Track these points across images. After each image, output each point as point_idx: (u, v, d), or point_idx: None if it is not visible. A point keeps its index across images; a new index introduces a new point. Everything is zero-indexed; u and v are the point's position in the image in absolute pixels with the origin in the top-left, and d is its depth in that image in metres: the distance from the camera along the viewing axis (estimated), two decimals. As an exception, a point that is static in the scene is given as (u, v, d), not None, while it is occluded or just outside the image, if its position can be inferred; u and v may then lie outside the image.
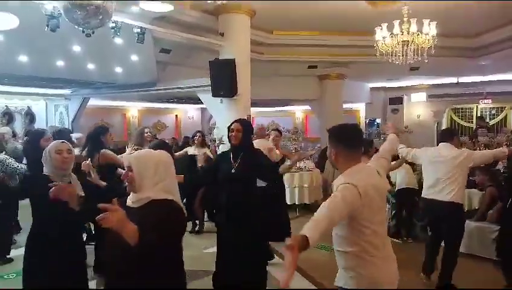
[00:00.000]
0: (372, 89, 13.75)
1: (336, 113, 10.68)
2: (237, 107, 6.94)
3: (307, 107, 13.25)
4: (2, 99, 9.29)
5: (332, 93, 10.99)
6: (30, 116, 9.16)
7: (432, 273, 3.95)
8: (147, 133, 5.37)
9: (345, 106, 12.09)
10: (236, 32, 7.10)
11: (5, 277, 4.17)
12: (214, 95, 6.85)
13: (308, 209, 7.08)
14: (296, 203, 7.12)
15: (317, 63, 10.16)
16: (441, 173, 3.68)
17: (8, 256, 4.55)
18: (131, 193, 1.82)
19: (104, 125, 4.24)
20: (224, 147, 6.05)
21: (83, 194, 2.49)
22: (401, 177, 5.36)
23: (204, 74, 7.11)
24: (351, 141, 2.02)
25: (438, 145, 3.98)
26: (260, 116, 13.92)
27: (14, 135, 6.34)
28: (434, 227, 4.03)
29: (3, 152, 4.53)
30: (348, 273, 1.97)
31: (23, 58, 6.40)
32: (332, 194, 1.85)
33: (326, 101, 11.12)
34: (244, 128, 3.17)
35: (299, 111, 14.99)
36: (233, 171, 3.10)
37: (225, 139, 4.37)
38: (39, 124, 9.70)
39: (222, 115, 7.13)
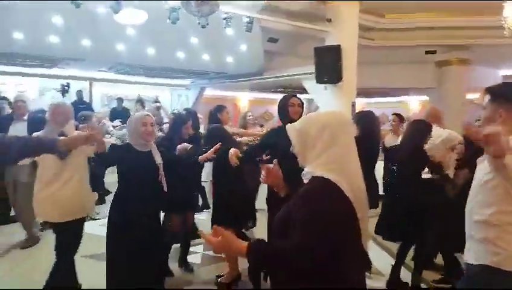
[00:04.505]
0: (506, 77, 11.92)
1: (458, 104, 9.59)
2: (341, 94, 6.81)
3: (425, 97, 12.17)
4: (135, 89, 10.82)
5: (453, 81, 9.88)
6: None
7: None
8: (249, 116, 5.71)
9: (469, 96, 10.77)
10: (344, 18, 6.94)
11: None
12: (318, 82, 6.83)
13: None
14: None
15: (436, 48, 9.26)
16: None
17: None
18: None
19: (222, 105, 4.56)
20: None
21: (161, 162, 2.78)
22: None
23: (310, 63, 7.13)
24: None
25: None
26: (369, 107, 13.31)
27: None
28: None
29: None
30: (487, 248, 1.71)
31: (150, 50, 7.32)
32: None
33: (446, 91, 10.03)
34: (303, 104, 3.11)
35: (414, 102, 13.89)
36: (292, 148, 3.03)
37: None
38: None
39: (326, 102, 7.08)
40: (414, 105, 13.89)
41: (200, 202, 5.77)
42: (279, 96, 3.37)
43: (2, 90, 8.38)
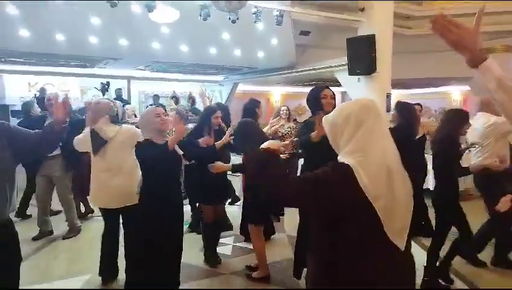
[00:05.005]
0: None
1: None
2: (375, 86, 6.62)
3: (467, 87, 11.54)
4: (170, 85, 11.11)
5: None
6: (192, 99, 10.61)
7: None
8: (282, 111, 5.72)
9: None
10: (378, 6, 6.71)
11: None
12: (351, 73, 6.68)
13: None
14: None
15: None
16: None
17: None
18: None
19: (256, 99, 4.62)
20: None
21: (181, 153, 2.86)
22: None
23: (343, 55, 6.97)
24: None
25: None
26: (408, 99, 12.77)
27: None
28: None
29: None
30: None
31: (184, 47, 7.46)
32: None
33: (489, 79, 9.46)
34: (335, 96, 3.09)
35: (456, 92, 13.21)
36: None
37: None
38: (197, 106, 11.17)
39: (359, 94, 6.91)
40: (456, 95, 13.22)
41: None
42: (312, 90, 3.34)
43: (48, 90, 8.87)
